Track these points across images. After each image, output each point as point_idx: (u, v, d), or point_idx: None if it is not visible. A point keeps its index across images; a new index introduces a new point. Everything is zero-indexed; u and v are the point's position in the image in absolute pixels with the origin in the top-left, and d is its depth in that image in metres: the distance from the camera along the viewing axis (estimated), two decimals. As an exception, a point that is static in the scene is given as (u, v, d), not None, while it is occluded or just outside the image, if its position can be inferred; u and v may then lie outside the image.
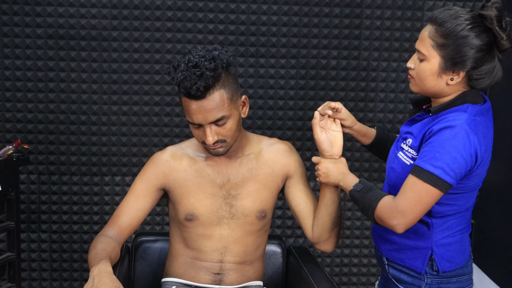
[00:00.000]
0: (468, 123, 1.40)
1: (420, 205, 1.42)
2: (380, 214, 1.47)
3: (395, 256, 1.59)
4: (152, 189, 1.69)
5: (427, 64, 1.45)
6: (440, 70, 1.43)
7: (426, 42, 1.44)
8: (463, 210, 1.53)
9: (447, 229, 1.53)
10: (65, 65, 2.60)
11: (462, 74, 1.43)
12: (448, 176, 1.39)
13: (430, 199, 1.42)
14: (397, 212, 1.43)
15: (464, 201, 1.51)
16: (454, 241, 1.54)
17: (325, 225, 1.70)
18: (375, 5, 2.66)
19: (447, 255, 1.54)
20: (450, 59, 1.41)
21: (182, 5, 2.59)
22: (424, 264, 1.54)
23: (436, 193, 1.41)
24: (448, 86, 1.45)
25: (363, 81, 2.73)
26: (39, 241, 2.74)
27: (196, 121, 1.53)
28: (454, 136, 1.39)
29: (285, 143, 1.78)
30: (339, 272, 2.89)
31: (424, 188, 1.41)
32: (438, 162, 1.38)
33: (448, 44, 1.40)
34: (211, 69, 1.48)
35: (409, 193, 1.43)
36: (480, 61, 1.40)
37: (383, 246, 1.62)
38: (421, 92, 1.51)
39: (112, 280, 1.39)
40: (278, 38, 2.66)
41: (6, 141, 2.62)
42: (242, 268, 1.73)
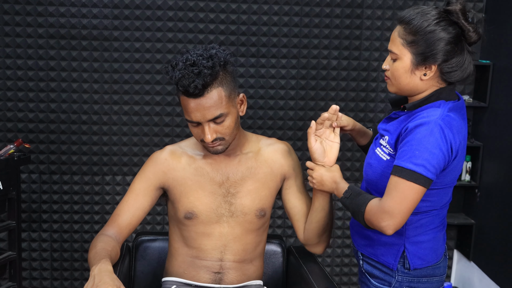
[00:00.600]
0: (442, 119, 1.43)
1: (406, 204, 1.43)
2: (369, 217, 1.48)
3: (369, 251, 1.61)
4: (152, 188, 1.70)
5: (400, 62, 1.48)
6: (412, 66, 1.46)
7: (397, 41, 1.48)
8: (438, 207, 1.54)
9: (421, 227, 1.54)
10: (66, 64, 2.60)
11: (434, 68, 1.46)
12: (429, 172, 1.41)
13: (415, 196, 1.43)
14: (385, 213, 1.44)
15: (439, 197, 1.53)
16: (427, 239, 1.55)
17: (316, 230, 1.74)
18: (376, 6, 2.67)
19: (419, 253, 1.54)
20: (421, 54, 1.44)
21: (183, 5, 2.59)
22: (396, 261, 1.54)
23: (419, 189, 1.42)
24: (422, 81, 1.48)
25: (363, 81, 2.73)
26: (40, 240, 2.75)
27: (194, 119, 1.54)
28: (430, 132, 1.41)
29: (284, 143, 1.79)
30: (339, 272, 2.89)
31: (407, 186, 1.42)
32: (418, 160, 1.40)
33: (417, 40, 1.44)
34: (209, 67, 1.49)
35: (394, 193, 1.43)
36: (449, 53, 1.44)
37: (358, 241, 1.65)
38: (398, 92, 1.54)
39: (113, 279, 1.39)
40: (279, 38, 2.66)
41: (7, 140, 2.63)
42: (242, 267, 1.73)
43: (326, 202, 1.71)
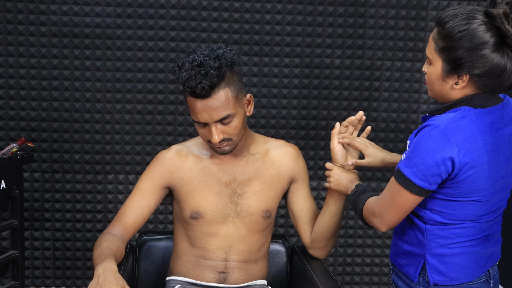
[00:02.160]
0: (446, 124, 1.31)
1: (393, 206, 1.38)
2: (365, 214, 1.49)
3: (396, 260, 1.54)
4: (157, 188, 1.69)
5: (433, 68, 1.38)
6: (443, 74, 1.36)
7: (431, 45, 1.37)
8: (463, 220, 1.40)
9: (444, 238, 1.42)
10: (69, 63, 2.60)
11: (466, 78, 1.34)
12: (418, 179, 1.32)
13: (401, 200, 1.36)
14: (376, 211, 1.43)
15: (460, 211, 1.39)
16: (452, 253, 1.42)
17: (326, 233, 1.75)
18: (379, 4, 2.66)
19: (440, 267, 1.42)
20: (451, 62, 1.33)
21: (186, 4, 2.59)
22: (417, 272, 1.45)
23: (407, 195, 1.35)
24: (454, 90, 1.37)
25: (367, 81, 2.73)
26: (43, 239, 2.74)
27: (201, 120, 1.54)
28: (428, 136, 1.31)
29: (292, 147, 1.79)
30: (342, 271, 2.89)
31: (396, 188, 1.36)
32: (410, 163, 1.33)
33: (448, 47, 1.32)
34: (216, 68, 1.49)
35: (386, 192, 1.41)
36: (485, 62, 1.30)
37: (391, 249, 1.59)
38: (435, 97, 1.43)
39: (117, 279, 1.39)
40: (282, 37, 2.66)
41: (10, 139, 2.62)
42: (246, 267, 1.73)
43: (340, 206, 1.73)
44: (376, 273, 2.90)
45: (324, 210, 1.74)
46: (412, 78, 2.74)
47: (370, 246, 2.88)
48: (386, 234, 2.86)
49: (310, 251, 1.83)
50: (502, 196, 1.45)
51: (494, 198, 1.42)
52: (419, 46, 2.71)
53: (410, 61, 2.72)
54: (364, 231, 2.86)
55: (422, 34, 2.69)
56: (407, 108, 2.76)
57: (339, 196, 1.72)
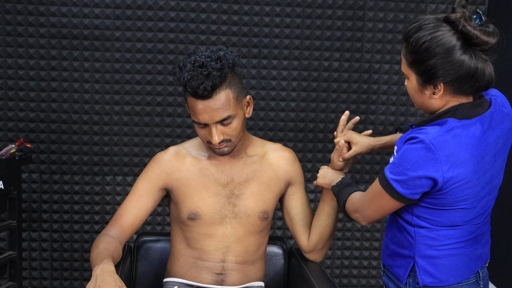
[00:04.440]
0: (431, 139, 1.31)
1: (373, 204, 1.43)
2: (347, 207, 1.54)
3: (387, 261, 1.56)
4: (155, 189, 1.70)
5: (409, 82, 1.40)
6: (419, 86, 1.37)
7: (403, 61, 1.39)
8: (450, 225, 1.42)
9: (432, 240, 1.43)
10: (67, 64, 2.60)
11: (441, 87, 1.34)
12: (399, 186, 1.35)
13: (382, 202, 1.40)
14: (357, 206, 1.49)
15: (447, 218, 1.41)
16: (441, 254, 1.43)
17: (324, 234, 1.77)
18: (378, 8, 2.67)
19: (430, 269, 1.44)
20: (422, 73, 1.34)
21: (185, 6, 2.59)
22: (406, 274, 1.47)
23: (387, 198, 1.38)
24: (433, 99, 1.37)
25: (365, 83, 2.74)
26: (40, 240, 2.74)
27: (202, 120, 1.54)
28: (412, 149, 1.32)
29: (289, 151, 1.80)
30: (339, 274, 2.89)
31: (378, 190, 1.40)
32: (394, 169, 1.36)
33: (416, 60, 1.33)
34: (218, 68, 1.49)
35: (369, 191, 1.46)
36: (454, 68, 1.30)
37: (383, 251, 1.61)
38: (421, 109, 1.45)
39: (115, 280, 1.39)
40: (281, 39, 2.66)
41: (8, 140, 2.62)
42: (243, 268, 1.73)
43: (334, 205, 1.77)
44: (373, 276, 2.91)
45: (320, 211, 1.76)
46: (410, 81, 2.74)
47: (367, 249, 2.88)
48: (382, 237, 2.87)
49: (307, 255, 1.84)
50: (489, 198, 1.46)
51: (481, 203, 1.43)
52: (417, 50, 2.71)
53: (408, 64, 2.73)
54: (362, 234, 2.87)
55: (420, 37, 2.70)
56: (405, 111, 2.77)
57: (330, 198, 1.75)
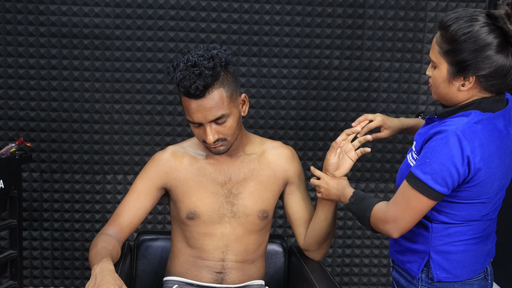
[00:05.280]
0: (462, 130, 1.32)
1: (410, 212, 1.38)
2: (374, 221, 1.47)
3: (398, 258, 1.55)
4: (153, 188, 1.70)
5: (438, 71, 1.39)
6: (449, 76, 1.37)
7: (435, 49, 1.38)
8: (468, 220, 1.44)
9: (449, 236, 1.44)
10: (68, 63, 2.60)
11: (473, 79, 1.35)
12: (437, 184, 1.33)
13: (419, 206, 1.37)
14: (389, 218, 1.42)
15: (467, 212, 1.42)
16: (456, 250, 1.45)
17: (317, 237, 1.76)
18: (378, 5, 2.66)
19: (445, 264, 1.45)
20: (457, 64, 1.34)
21: (185, 4, 2.59)
22: (420, 269, 1.47)
23: (425, 200, 1.36)
24: (460, 92, 1.38)
25: (365, 81, 2.73)
26: (41, 239, 2.75)
27: (196, 120, 1.54)
28: (445, 142, 1.32)
29: (288, 148, 1.79)
30: (340, 272, 2.89)
31: (413, 194, 1.36)
32: (427, 169, 1.33)
33: (454, 50, 1.33)
34: (210, 68, 1.49)
35: (400, 198, 1.40)
36: (490, 63, 1.31)
37: (391, 247, 1.59)
38: (441, 100, 1.44)
39: (115, 278, 1.39)
40: (281, 37, 2.66)
41: (8, 139, 2.63)
42: (243, 267, 1.73)
43: (330, 212, 1.73)
44: (374, 274, 2.90)
45: (316, 215, 1.75)
46: (411, 79, 2.74)
47: (368, 247, 2.88)
48: (385, 235, 2.86)
49: (306, 253, 1.84)
50: (501, 195, 1.48)
51: (496, 198, 1.45)
52: (418, 47, 2.71)
53: (408, 62, 2.72)
54: (363, 232, 2.86)
55: (420, 35, 2.70)
56: (406, 109, 2.76)
57: (326, 203, 1.72)
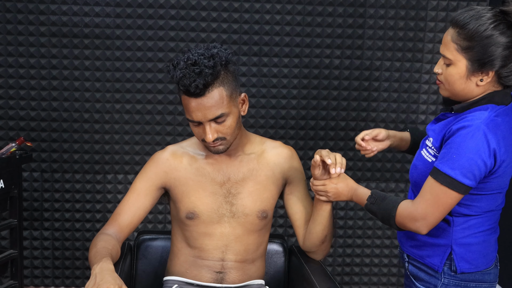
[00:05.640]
0: (486, 123, 1.38)
1: (439, 207, 1.41)
2: (401, 220, 1.47)
3: (415, 253, 1.58)
4: (153, 188, 1.70)
5: (454, 68, 1.43)
6: (468, 72, 1.41)
7: (450, 46, 1.42)
8: (486, 211, 1.49)
9: (469, 228, 1.49)
10: (68, 63, 2.60)
11: (491, 74, 1.40)
12: (466, 179, 1.37)
13: (448, 201, 1.41)
14: (418, 215, 1.44)
15: (486, 203, 1.48)
16: (476, 241, 1.50)
17: (315, 239, 1.75)
18: (379, 5, 2.66)
19: (467, 256, 1.50)
20: (477, 60, 1.39)
21: (185, 4, 2.59)
22: (442, 262, 1.51)
23: (454, 195, 1.40)
24: (478, 87, 1.42)
25: (366, 81, 2.73)
26: (42, 238, 2.75)
27: (195, 118, 1.54)
28: (471, 136, 1.36)
29: (288, 148, 1.78)
30: (341, 271, 2.89)
31: (442, 190, 1.40)
32: (455, 164, 1.37)
33: (473, 46, 1.38)
34: (210, 66, 1.49)
35: (428, 195, 1.42)
36: (508, 58, 1.37)
37: (405, 242, 1.61)
38: (452, 97, 1.48)
39: (114, 278, 1.39)
40: (281, 37, 2.66)
41: (9, 139, 2.63)
42: (243, 267, 1.73)
43: (325, 216, 1.70)
44: (375, 273, 2.90)
45: (312, 219, 1.73)
46: (411, 79, 2.73)
47: (369, 246, 2.88)
48: (386, 234, 2.86)
49: (306, 253, 1.83)
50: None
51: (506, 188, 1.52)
52: (419, 47, 2.71)
53: (409, 61, 2.72)
54: (363, 231, 2.86)
55: (421, 34, 2.69)
56: (406, 108, 2.76)
57: (326, 207, 1.69)
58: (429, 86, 2.74)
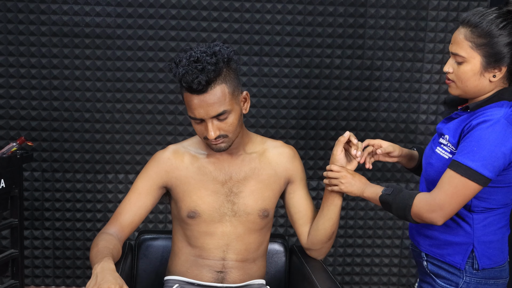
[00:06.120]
0: (506, 117, 1.44)
1: (458, 198, 1.46)
2: (418, 210, 1.51)
3: (434, 251, 1.61)
4: (154, 187, 1.70)
5: (468, 65, 1.49)
6: (482, 69, 1.48)
7: (464, 44, 1.48)
8: (502, 205, 1.54)
9: (489, 225, 1.54)
10: (69, 62, 2.60)
11: (504, 69, 1.47)
12: (487, 170, 1.42)
13: (467, 192, 1.45)
14: (435, 206, 1.48)
15: (502, 196, 1.53)
16: (495, 238, 1.56)
17: (321, 236, 1.76)
18: (380, 4, 2.66)
19: (488, 253, 1.55)
20: (492, 56, 1.46)
21: (186, 3, 2.59)
22: (464, 260, 1.55)
23: (474, 186, 1.44)
24: (490, 83, 1.49)
25: (367, 80, 2.73)
26: (42, 238, 2.75)
27: (198, 115, 1.54)
28: (492, 130, 1.42)
29: (289, 147, 1.79)
30: (341, 271, 2.89)
31: (461, 181, 1.44)
32: (476, 156, 1.42)
33: (488, 43, 1.45)
34: (213, 63, 1.50)
35: (446, 186, 1.46)
36: None
37: (422, 242, 1.64)
38: (463, 94, 1.54)
39: (115, 278, 1.39)
40: (282, 36, 2.65)
41: (10, 138, 2.63)
42: (244, 266, 1.73)
43: (336, 211, 1.73)
44: (375, 273, 2.90)
45: (320, 214, 1.75)
46: (412, 78, 2.73)
47: (369, 246, 2.88)
48: (386, 234, 2.86)
49: (308, 252, 1.83)
50: None
51: None
52: (419, 46, 2.71)
53: (410, 61, 2.72)
54: (364, 231, 2.86)
55: (422, 34, 2.69)
56: (407, 108, 2.76)
57: (337, 202, 1.72)
58: (430, 86, 2.74)
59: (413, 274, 2.90)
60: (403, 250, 2.88)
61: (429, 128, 2.77)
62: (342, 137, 1.69)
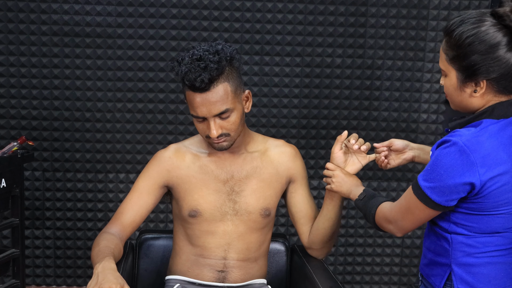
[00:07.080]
0: (466, 141, 1.26)
1: (409, 215, 1.37)
2: (378, 219, 1.47)
3: (424, 271, 1.49)
4: (155, 187, 1.69)
5: (448, 79, 1.34)
6: (459, 83, 1.31)
7: (442, 56, 1.33)
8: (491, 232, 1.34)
9: (469, 247, 1.36)
10: (70, 62, 2.60)
11: (484, 84, 1.28)
12: (435, 195, 1.29)
13: (417, 212, 1.34)
14: (391, 218, 1.42)
15: (486, 224, 1.33)
16: (478, 262, 1.35)
17: (321, 236, 1.75)
18: (381, 4, 2.65)
19: (467, 278, 1.36)
20: (465, 70, 1.28)
21: (187, 3, 2.58)
22: (442, 282, 1.40)
23: (423, 207, 1.32)
24: (474, 98, 1.31)
25: (368, 80, 2.72)
26: (43, 237, 2.75)
27: (200, 114, 1.54)
28: (446, 153, 1.26)
29: (291, 147, 1.79)
30: (342, 270, 2.89)
31: (412, 199, 1.34)
32: (428, 178, 1.30)
33: (459, 55, 1.28)
34: (215, 61, 1.50)
35: (402, 201, 1.39)
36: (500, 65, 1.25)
37: (421, 260, 1.53)
38: (458, 109, 1.37)
39: (116, 277, 1.39)
40: (283, 36, 2.65)
41: (11, 138, 2.63)
42: (245, 266, 1.73)
43: (336, 211, 1.73)
44: (376, 273, 2.90)
45: (321, 214, 1.75)
46: (413, 77, 2.73)
47: (371, 246, 2.88)
48: (387, 234, 2.86)
49: (309, 251, 1.83)
50: None
51: None
52: (420, 45, 2.70)
53: (411, 60, 2.71)
54: (365, 231, 2.86)
55: (423, 33, 2.69)
56: (408, 107, 2.76)
57: (336, 201, 1.72)
58: (430, 85, 2.73)
59: (414, 273, 2.90)
60: (404, 249, 2.88)
61: (430, 127, 2.76)
62: (340, 136, 1.69)
